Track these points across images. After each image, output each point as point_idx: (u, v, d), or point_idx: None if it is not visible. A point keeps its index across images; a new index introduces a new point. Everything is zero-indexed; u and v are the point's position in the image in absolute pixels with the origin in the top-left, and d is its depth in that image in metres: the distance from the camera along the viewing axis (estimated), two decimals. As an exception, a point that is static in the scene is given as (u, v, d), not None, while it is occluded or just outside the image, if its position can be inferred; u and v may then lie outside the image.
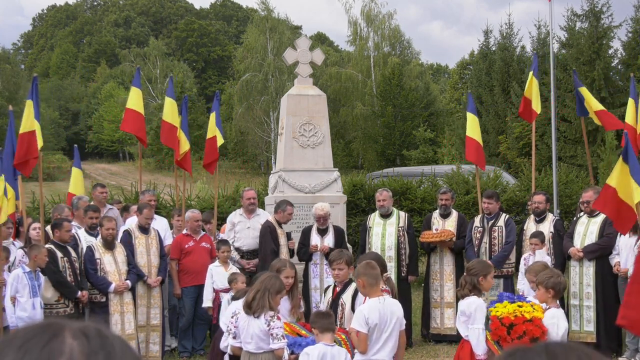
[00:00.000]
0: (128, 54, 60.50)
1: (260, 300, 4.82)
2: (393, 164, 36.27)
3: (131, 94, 10.00)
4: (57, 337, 0.93)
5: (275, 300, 4.91)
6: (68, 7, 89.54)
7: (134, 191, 12.09)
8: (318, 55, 10.70)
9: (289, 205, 8.43)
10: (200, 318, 8.28)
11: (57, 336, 0.93)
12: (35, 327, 0.96)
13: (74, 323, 0.98)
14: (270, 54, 40.51)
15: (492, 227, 8.53)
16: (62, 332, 0.94)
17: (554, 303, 5.24)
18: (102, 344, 0.95)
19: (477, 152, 9.63)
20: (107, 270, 7.42)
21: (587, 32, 24.56)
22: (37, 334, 0.94)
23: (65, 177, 38.53)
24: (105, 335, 0.97)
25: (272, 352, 4.85)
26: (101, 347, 0.94)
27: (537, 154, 24.43)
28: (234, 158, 48.45)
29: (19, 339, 0.94)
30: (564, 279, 5.43)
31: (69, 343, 0.93)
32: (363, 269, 4.90)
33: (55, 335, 0.94)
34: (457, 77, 50.67)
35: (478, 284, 5.16)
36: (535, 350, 1.04)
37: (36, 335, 0.94)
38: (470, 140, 9.65)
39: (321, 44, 57.19)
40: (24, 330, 0.96)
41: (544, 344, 1.06)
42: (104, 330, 0.98)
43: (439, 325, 8.76)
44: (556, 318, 5.12)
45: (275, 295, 4.88)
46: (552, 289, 5.16)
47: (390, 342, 4.76)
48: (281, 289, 4.97)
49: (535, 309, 5.20)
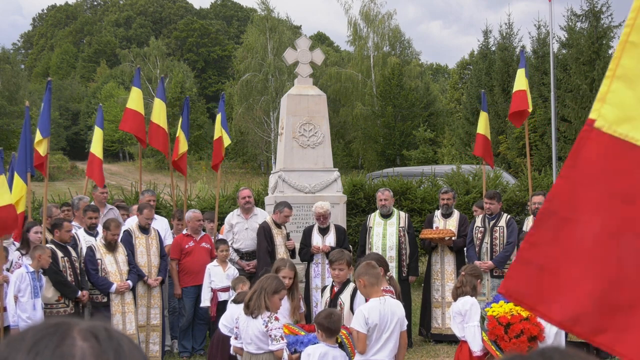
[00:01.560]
0: (128, 54, 60.48)
1: (257, 301, 4.83)
2: (393, 164, 36.26)
3: (131, 94, 10.02)
4: (67, 338, 0.93)
5: (273, 300, 4.88)
6: (68, 7, 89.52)
7: (134, 191, 12.10)
8: (318, 55, 10.70)
9: (286, 207, 8.43)
10: (200, 318, 8.29)
11: (66, 337, 0.93)
12: (44, 327, 0.95)
13: (82, 323, 0.98)
14: (270, 54, 40.50)
15: (494, 227, 8.54)
16: (71, 333, 0.94)
17: None
18: (111, 345, 0.95)
19: (485, 148, 9.89)
20: (108, 270, 7.42)
21: (587, 32, 24.56)
22: (46, 334, 0.93)
23: (66, 177, 38.57)
24: (114, 336, 0.97)
25: (272, 353, 4.84)
26: (110, 348, 0.94)
27: (537, 154, 24.48)
28: (234, 158, 48.45)
29: (28, 341, 0.93)
30: None
31: (80, 345, 0.92)
32: (364, 268, 4.89)
33: (64, 336, 0.93)
34: (457, 77, 50.65)
35: (476, 285, 5.22)
36: (531, 357, 1.04)
37: (45, 337, 0.93)
38: (481, 136, 9.96)
39: (321, 44, 57.22)
40: (32, 331, 0.95)
41: (540, 350, 1.05)
42: (112, 330, 0.98)
43: (440, 325, 8.76)
44: None
45: (271, 295, 4.85)
46: None
47: (390, 343, 4.75)
48: (278, 288, 4.93)
49: None
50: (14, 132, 42.66)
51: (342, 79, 42.22)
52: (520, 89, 9.40)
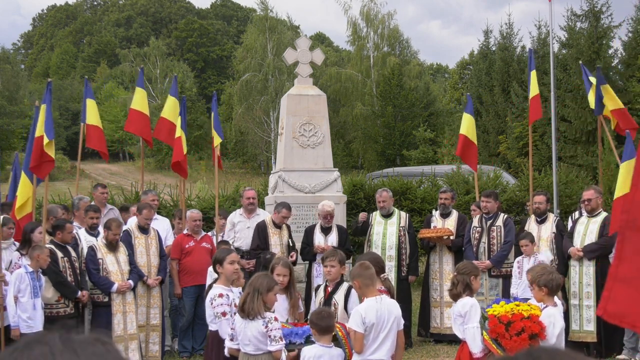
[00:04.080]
0: (128, 54, 60.44)
1: (251, 303, 4.82)
2: (393, 164, 36.24)
3: (135, 94, 9.98)
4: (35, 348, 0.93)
5: (268, 298, 4.86)
6: (68, 7, 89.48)
7: (134, 191, 12.09)
8: (318, 55, 10.71)
9: (284, 208, 8.45)
10: (200, 318, 8.28)
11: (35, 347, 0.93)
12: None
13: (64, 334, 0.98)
14: (269, 54, 40.50)
15: (491, 227, 8.54)
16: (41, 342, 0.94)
17: (551, 301, 5.20)
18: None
19: (468, 151, 9.79)
20: (110, 270, 7.42)
21: (587, 32, 24.55)
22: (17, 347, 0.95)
23: (66, 177, 38.55)
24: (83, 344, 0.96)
25: (271, 354, 4.83)
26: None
27: (537, 154, 24.46)
28: (234, 158, 48.44)
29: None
30: (558, 275, 5.36)
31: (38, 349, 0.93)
32: (357, 270, 4.89)
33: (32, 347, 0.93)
34: (457, 77, 50.65)
35: (470, 283, 5.17)
36: (518, 357, 1.04)
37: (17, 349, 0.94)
38: (462, 137, 9.89)
39: (320, 43, 57.18)
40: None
41: (527, 350, 1.06)
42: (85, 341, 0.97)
43: (438, 324, 8.76)
44: (552, 317, 5.09)
45: (266, 293, 4.86)
46: (545, 286, 5.13)
47: (387, 342, 4.74)
48: (271, 285, 4.92)
49: (533, 308, 5.20)
50: (13, 132, 42.64)
51: (342, 79, 42.21)
52: (536, 94, 9.45)
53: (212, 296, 5.33)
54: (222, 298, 5.25)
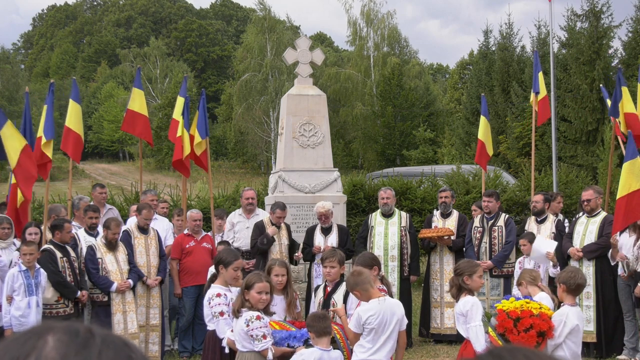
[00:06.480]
0: (128, 54, 60.46)
1: (237, 301, 4.92)
2: (393, 164, 36.25)
3: (132, 95, 9.93)
4: (40, 339, 0.91)
5: (251, 295, 4.88)
6: (68, 7, 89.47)
7: (134, 191, 12.09)
8: (318, 55, 10.70)
9: (278, 208, 8.45)
10: (200, 318, 8.27)
11: (40, 338, 0.91)
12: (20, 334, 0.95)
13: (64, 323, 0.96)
14: (269, 54, 40.49)
15: (492, 227, 8.54)
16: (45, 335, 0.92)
17: (569, 300, 5.11)
18: (85, 341, 0.92)
19: (481, 154, 10.02)
20: (109, 269, 7.42)
21: (587, 32, 24.56)
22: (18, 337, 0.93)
23: (66, 177, 38.54)
24: (95, 334, 0.94)
25: (259, 352, 4.85)
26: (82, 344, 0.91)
27: (537, 154, 24.45)
28: (234, 158, 48.44)
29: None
30: (581, 276, 5.30)
31: (49, 339, 0.91)
32: (352, 280, 4.85)
33: (39, 338, 0.91)
34: (457, 77, 50.65)
35: (463, 283, 5.10)
36: (482, 357, 1.06)
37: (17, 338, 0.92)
38: (480, 143, 10.05)
39: (320, 44, 57.18)
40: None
41: (489, 350, 1.08)
42: (94, 330, 0.95)
43: (439, 325, 8.76)
44: (564, 315, 5.01)
45: (249, 290, 4.90)
46: (564, 283, 5.11)
47: (389, 343, 4.73)
48: (250, 282, 4.94)
49: (542, 307, 5.17)
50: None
51: (341, 79, 42.21)
52: (545, 95, 9.62)
53: (210, 296, 5.33)
54: (220, 298, 5.26)
